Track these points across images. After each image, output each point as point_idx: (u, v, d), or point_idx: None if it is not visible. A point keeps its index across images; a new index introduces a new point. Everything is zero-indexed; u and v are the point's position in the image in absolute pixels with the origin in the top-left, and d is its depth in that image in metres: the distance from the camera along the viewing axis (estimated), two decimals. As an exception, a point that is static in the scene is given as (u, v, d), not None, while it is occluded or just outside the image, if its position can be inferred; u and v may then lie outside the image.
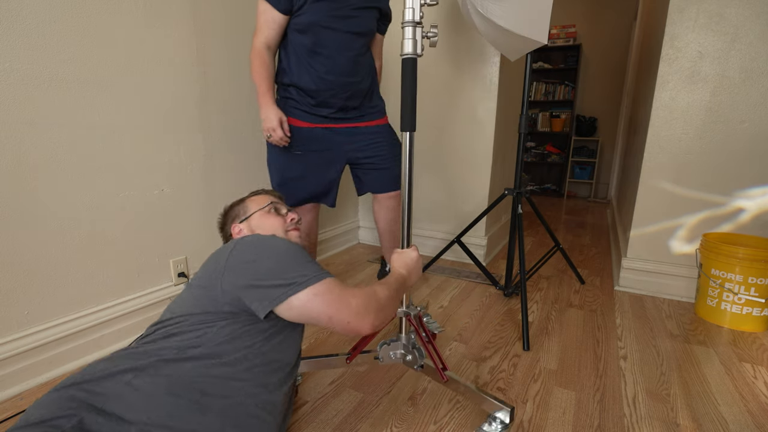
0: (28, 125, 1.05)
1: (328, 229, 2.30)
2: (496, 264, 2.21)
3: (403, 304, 1.00)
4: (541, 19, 1.34)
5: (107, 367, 0.62)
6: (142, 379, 0.61)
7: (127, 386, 0.60)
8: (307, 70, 1.29)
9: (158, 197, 1.38)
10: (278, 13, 1.22)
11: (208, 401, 0.63)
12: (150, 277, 1.39)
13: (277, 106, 1.29)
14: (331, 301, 0.69)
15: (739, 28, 1.52)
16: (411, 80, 0.87)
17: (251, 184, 1.73)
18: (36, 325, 1.13)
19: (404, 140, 0.91)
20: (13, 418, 1.00)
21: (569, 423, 1.00)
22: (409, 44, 0.85)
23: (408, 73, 0.87)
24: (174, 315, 0.72)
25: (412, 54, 0.86)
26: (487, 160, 2.06)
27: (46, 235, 1.11)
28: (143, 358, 0.64)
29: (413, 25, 0.85)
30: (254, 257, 0.71)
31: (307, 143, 1.35)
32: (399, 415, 1.02)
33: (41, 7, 1.04)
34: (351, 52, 1.30)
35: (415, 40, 0.85)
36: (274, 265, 0.70)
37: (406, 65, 0.87)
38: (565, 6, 4.36)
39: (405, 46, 0.86)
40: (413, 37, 0.85)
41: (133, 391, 0.60)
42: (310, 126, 1.34)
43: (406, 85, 0.87)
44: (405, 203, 0.95)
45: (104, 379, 0.61)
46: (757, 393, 1.12)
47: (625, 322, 1.54)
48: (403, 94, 0.88)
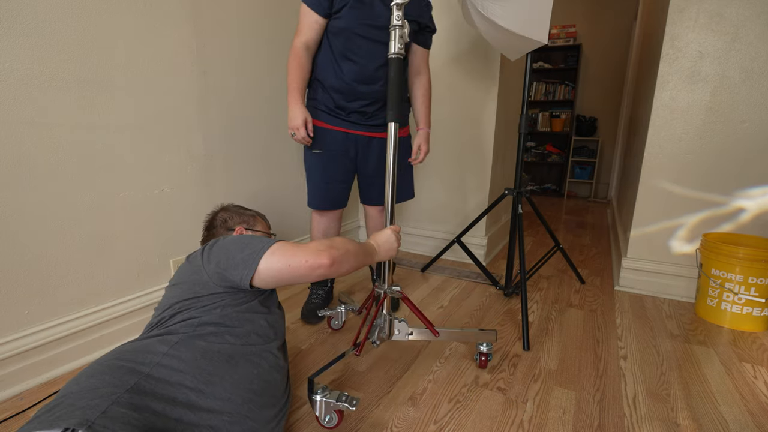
0: (28, 125, 1.05)
1: (328, 229, 2.30)
2: (496, 264, 2.21)
3: (385, 284, 1.11)
4: (541, 19, 1.34)
5: (138, 347, 0.70)
6: (177, 350, 0.71)
7: (166, 356, 0.69)
8: (335, 72, 1.31)
9: (158, 197, 1.38)
10: (319, 16, 1.25)
11: (235, 362, 0.76)
12: (150, 276, 1.39)
13: (304, 106, 1.31)
14: (284, 252, 0.80)
15: (739, 28, 1.52)
16: (397, 77, 0.99)
17: (251, 184, 1.73)
18: (36, 325, 1.13)
19: (389, 131, 1.02)
20: (13, 418, 1.00)
21: (569, 423, 1.00)
22: (394, 45, 0.98)
23: (394, 71, 0.99)
24: (169, 306, 0.81)
25: (398, 54, 0.98)
26: (487, 160, 2.06)
27: (46, 235, 1.11)
28: (168, 338, 0.73)
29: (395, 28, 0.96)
30: (231, 245, 0.84)
31: (326, 144, 1.39)
32: (399, 415, 1.02)
33: (41, 7, 1.04)
34: (380, 61, 1.31)
35: (395, 42, 0.97)
36: (244, 245, 0.83)
37: (393, 63, 0.99)
38: (565, 6, 4.36)
39: (391, 47, 0.98)
40: (394, 39, 0.97)
41: (172, 359, 0.69)
42: (329, 127, 1.38)
43: (393, 81, 0.99)
44: (389, 189, 1.05)
45: (142, 353, 0.69)
46: (757, 393, 1.12)
47: (625, 322, 1.54)
48: (390, 90, 1.00)
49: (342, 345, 1.35)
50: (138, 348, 0.70)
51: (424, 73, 1.46)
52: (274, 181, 1.86)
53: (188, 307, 0.80)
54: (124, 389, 0.60)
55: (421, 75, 1.45)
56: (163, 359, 0.68)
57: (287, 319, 1.52)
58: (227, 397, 0.71)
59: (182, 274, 0.85)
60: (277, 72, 1.79)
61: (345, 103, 1.35)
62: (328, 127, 1.37)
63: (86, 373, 0.63)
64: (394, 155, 1.03)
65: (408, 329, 1.15)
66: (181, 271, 0.87)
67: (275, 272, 0.79)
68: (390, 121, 1.01)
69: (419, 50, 1.42)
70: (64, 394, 0.59)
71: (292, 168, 1.95)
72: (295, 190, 1.99)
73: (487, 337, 1.19)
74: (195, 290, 0.81)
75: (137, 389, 0.61)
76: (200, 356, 0.72)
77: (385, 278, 1.11)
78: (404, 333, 1.15)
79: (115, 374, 0.62)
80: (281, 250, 0.80)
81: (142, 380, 0.63)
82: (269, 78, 1.75)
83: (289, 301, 1.68)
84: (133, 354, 0.68)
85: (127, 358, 0.67)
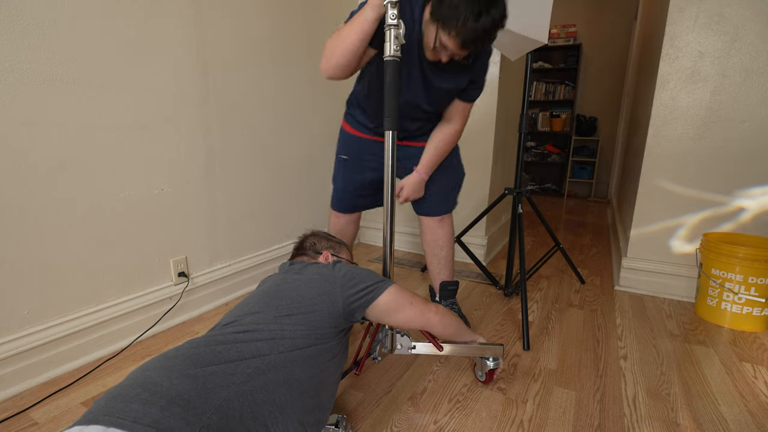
0: (28, 125, 1.05)
1: (328, 228, 2.30)
2: (496, 264, 2.21)
3: None
4: (541, 19, 1.34)
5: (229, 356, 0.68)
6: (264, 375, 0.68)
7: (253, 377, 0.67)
8: (366, 101, 1.27)
9: (158, 197, 1.38)
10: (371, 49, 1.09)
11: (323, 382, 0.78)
12: (150, 276, 1.39)
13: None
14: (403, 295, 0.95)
15: (739, 27, 1.51)
16: (393, 82, 0.90)
17: (251, 183, 1.73)
18: (36, 324, 1.13)
19: (387, 139, 0.95)
20: (13, 418, 1.00)
21: (569, 423, 1.00)
22: (390, 47, 0.89)
23: (391, 75, 0.90)
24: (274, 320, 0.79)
25: (394, 56, 0.89)
26: (487, 160, 2.06)
27: (46, 235, 1.11)
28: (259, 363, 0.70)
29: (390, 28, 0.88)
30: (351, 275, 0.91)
31: (353, 151, 1.37)
32: (399, 415, 1.02)
33: (41, 7, 1.04)
34: (410, 116, 1.23)
35: (391, 42, 0.88)
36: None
37: (388, 67, 0.90)
38: (565, 6, 4.36)
39: (387, 49, 0.89)
40: (390, 40, 0.88)
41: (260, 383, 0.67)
42: (359, 135, 1.36)
43: (389, 87, 0.91)
44: (387, 199, 1.00)
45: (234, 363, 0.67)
46: (757, 393, 1.12)
47: (626, 321, 1.54)
48: (387, 96, 0.91)
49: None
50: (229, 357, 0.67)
51: (456, 122, 1.26)
52: (274, 181, 1.86)
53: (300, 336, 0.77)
54: (212, 407, 0.58)
55: (451, 122, 1.26)
56: (251, 379, 0.65)
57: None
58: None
59: (302, 288, 0.87)
60: (278, 72, 1.79)
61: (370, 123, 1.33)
62: (360, 135, 1.36)
63: (176, 368, 0.62)
64: (392, 165, 0.97)
65: (411, 343, 1.11)
66: (299, 285, 0.87)
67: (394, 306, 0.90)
68: (387, 129, 0.94)
69: (460, 104, 1.23)
70: (156, 391, 0.57)
71: (292, 168, 1.95)
72: (295, 190, 1.99)
73: (493, 351, 1.11)
74: (315, 320, 0.80)
75: (225, 409, 0.59)
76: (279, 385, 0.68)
77: None
78: (407, 347, 1.11)
79: (206, 383, 0.61)
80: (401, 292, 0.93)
81: (231, 397, 0.61)
82: (269, 78, 1.75)
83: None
84: (224, 362, 0.66)
85: (218, 363, 0.65)
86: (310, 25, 1.93)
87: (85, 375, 1.18)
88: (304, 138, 2.00)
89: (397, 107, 0.92)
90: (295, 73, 1.89)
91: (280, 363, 0.70)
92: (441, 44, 0.98)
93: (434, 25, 0.96)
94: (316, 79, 2.03)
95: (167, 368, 0.62)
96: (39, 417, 1.01)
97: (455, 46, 0.96)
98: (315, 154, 2.07)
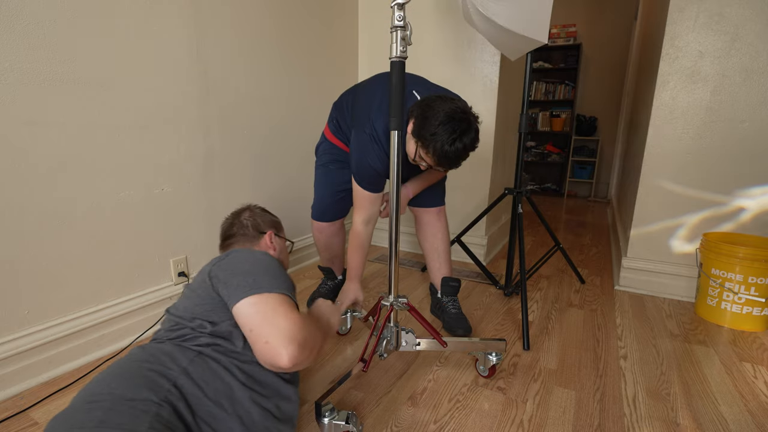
0: (28, 125, 1.05)
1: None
2: (496, 263, 2.21)
3: (391, 296, 1.07)
4: (541, 19, 1.34)
5: (166, 358, 0.69)
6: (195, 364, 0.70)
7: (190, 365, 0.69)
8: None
9: (158, 196, 1.38)
10: (377, 195, 1.26)
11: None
12: (150, 276, 1.39)
13: (359, 285, 1.34)
14: (259, 312, 0.70)
15: (739, 27, 1.51)
16: (399, 82, 0.91)
17: (251, 183, 1.73)
18: (36, 324, 1.13)
19: (392, 139, 0.95)
20: (13, 418, 1.00)
21: (569, 422, 1.00)
22: (396, 48, 0.90)
23: (396, 76, 0.91)
24: (185, 315, 0.78)
25: (400, 57, 0.90)
26: (487, 159, 2.06)
27: (46, 234, 1.11)
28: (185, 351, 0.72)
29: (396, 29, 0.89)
30: (238, 263, 0.79)
31: (335, 155, 1.41)
32: (399, 415, 1.02)
33: (41, 7, 1.04)
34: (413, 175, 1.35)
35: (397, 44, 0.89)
36: (249, 268, 0.78)
37: (394, 67, 0.91)
38: (565, 5, 4.36)
39: (393, 49, 0.90)
40: (396, 41, 0.89)
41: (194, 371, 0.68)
42: (344, 148, 1.40)
43: (395, 87, 0.91)
44: (393, 202, 1.00)
45: (171, 363, 0.68)
46: (757, 392, 1.12)
47: (625, 321, 1.54)
48: (392, 96, 0.92)
49: (348, 351, 1.35)
50: (164, 351, 0.70)
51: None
52: (274, 181, 1.86)
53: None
54: (158, 399, 0.61)
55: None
56: (187, 367, 0.68)
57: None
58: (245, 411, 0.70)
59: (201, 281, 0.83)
60: (278, 71, 1.79)
61: None
62: (344, 149, 1.39)
63: (117, 375, 0.64)
64: (398, 164, 0.96)
65: (416, 340, 1.13)
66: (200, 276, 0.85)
67: (239, 322, 0.73)
68: (393, 129, 0.94)
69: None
70: (95, 399, 0.59)
71: (291, 168, 1.95)
72: (294, 190, 1.99)
73: (496, 347, 1.15)
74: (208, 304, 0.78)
75: (176, 385, 0.64)
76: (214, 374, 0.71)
77: (392, 289, 1.08)
78: (412, 344, 1.13)
79: (147, 383, 0.63)
80: (261, 306, 0.71)
81: (183, 377, 0.65)
82: (269, 78, 1.75)
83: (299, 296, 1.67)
84: (159, 360, 0.68)
85: (157, 362, 0.68)
86: (310, 25, 1.93)
87: (85, 375, 1.18)
88: (304, 138, 2.00)
89: (401, 108, 0.92)
90: (296, 72, 1.89)
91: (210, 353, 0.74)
92: (420, 158, 1.10)
93: (414, 142, 1.08)
94: (317, 79, 2.03)
95: (102, 379, 0.64)
96: (39, 417, 1.01)
97: (432, 162, 1.09)
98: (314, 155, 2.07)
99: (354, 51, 2.30)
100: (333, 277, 1.64)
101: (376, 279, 1.94)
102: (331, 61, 2.12)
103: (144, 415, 0.57)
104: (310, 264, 2.13)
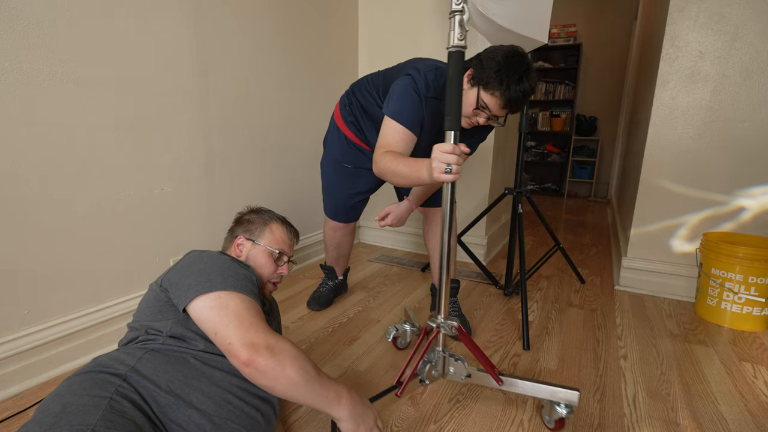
0: (27, 125, 1.05)
1: (328, 228, 2.30)
2: (496, 263, 2.21)
3: (440, 316, 0.95)
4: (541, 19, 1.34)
5: (114, 362, 0.69)
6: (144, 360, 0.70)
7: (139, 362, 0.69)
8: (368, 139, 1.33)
9: (158, 196, 1.38)
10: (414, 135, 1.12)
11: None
12: (150, 276, 1.39)
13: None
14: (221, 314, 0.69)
15: (739, 27, 1.51)
16: (457, 76, 0.79)
17: (251, 183, 1.73)
18: (36, 324, 1.13)
19: (447, 139, 0.83)
20: (13, 418, 1.00)
21: (569, 422, 1.00)
22: (454, 35, 0.77)
23: (454, 69, 0.79)
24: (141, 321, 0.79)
25: (458, 46, 0.78)
26: (487, 159, 2.06)
27: (46, 234, 1.11)
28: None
29: (454, 15, 0.77)
30: (191, 263, 0.79)
31: (352, 158, 1.39)
32: (399, 415, 1.02)
33: (41, 7, 1.04)
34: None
35: (455, 31, 0.77)
36: (203, 267, 0.76)
37: (452, 58, 0.78)
38: (565, 5, 4.36)
39: (451, 38, 0.77)
40: (454, 28, 0.77)
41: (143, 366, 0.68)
42: (363, 146, 1.38)
43: (452, 82, 0.79)
44: (446, 213, 0.89)
45: (118, 364, 0.68)
46: (757, 392, 1.12)
47: (625, 321, 1.54)
48: (449, 93, 0.80)
49: (341, 346, 1.35)
50: (114, 361, 0.69)
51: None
52: (275, 181, 1.86)
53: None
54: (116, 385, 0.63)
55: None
56: (137, 364, 0.68)
57: (317, 318, 1.52)
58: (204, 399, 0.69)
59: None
60: (278, 71, 1.79)
61: None
62: (364, 146, 1.37)
63: (66, 387, 0.64)
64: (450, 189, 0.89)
65: (465, 370, 0.98)
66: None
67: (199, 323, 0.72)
68: (448, 129, 0.82)
69: None
70: (47, 410, 0.59)
71: (293, 167, 1.95)
72: (294, 190, 1.99)
73: (565, 397, 0.93)
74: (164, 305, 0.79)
75: (126, 380, 0.64)
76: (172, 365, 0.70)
77: (441, 308, 0.95)
78: (461, 374, 0.98)
79: (98, 382, 0.64)
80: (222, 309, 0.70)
81: (133, 374, 0.66)
82: (270, 77, 1.75)
83: (299, 296, 1.68)
84: (110, 365, 0.68)
85: (107, 367, 0.67)
86: (311, 24, 1.93)
87: (85, 375, 1.18)
88: (305, 138, 2.00)
89: (459, 105, 0.81)
90: (296, 72, 1.89)
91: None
92: (483, 105, 1.04)
93: (475, 89, 1.04)
94: (317, 79, 2.03)
95: (54, 393, 0.64)
96: (39, 417, 1.01)
97: (497, 106, 1.03)
98: (316, 154, 2.07)
99: (354, 48, 2.30)
100: (334, 277, 1.64)
101: (376, 279, 1.94)
102: (332, 59, 2.12)
103: (95, 409, 0.58)
104: (310, 264, 2.13)
